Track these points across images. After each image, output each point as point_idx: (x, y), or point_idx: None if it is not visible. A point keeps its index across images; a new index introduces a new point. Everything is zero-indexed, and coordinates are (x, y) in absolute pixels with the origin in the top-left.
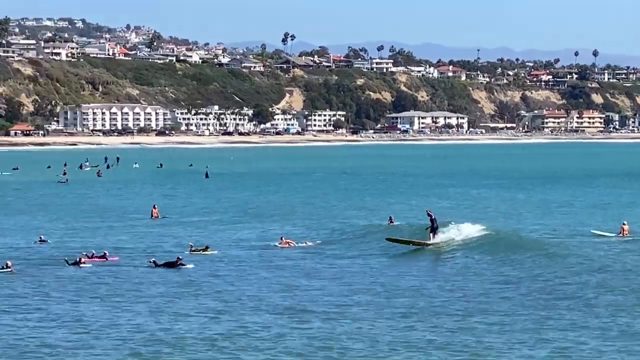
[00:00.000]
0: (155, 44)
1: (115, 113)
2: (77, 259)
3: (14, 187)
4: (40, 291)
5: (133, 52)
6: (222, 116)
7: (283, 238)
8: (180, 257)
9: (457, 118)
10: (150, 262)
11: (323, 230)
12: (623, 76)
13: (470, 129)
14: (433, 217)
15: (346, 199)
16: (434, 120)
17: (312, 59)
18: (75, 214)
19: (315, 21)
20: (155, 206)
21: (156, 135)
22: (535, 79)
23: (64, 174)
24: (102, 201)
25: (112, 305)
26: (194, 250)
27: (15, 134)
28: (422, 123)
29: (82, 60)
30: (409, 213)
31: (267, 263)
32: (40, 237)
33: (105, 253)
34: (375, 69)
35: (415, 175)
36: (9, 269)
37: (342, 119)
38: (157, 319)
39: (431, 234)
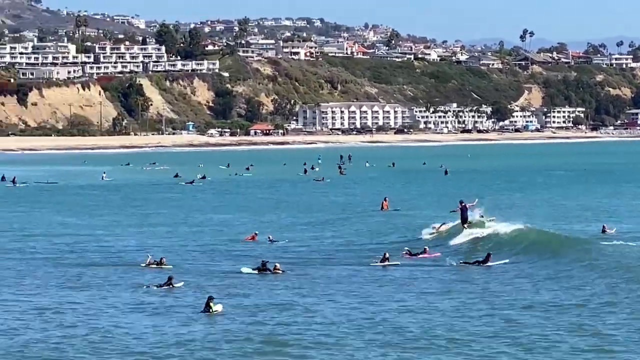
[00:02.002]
0: (393, 42)
1: (353, 112)
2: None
3: (259, 185)
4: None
5: (371, 50)
6: (461, 114)
7: None
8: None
9: None
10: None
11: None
12: None
13: None
14: (464, 206)
15: (587, 198)
16: None
17: (550, 55)
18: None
19: (554, 17)
20: (386, 198)
21: (395, 133)
22: None
23: (305, 172)
24: (337, 197)
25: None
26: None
27: (255, 133)
28: None
29: (320, 59)
30: None
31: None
32: (269, 237)
33: (425, 249)
34: (614, 65)
35: None
36: (278, 271)
37: (582, 115)
38: None
39: (464, 225)
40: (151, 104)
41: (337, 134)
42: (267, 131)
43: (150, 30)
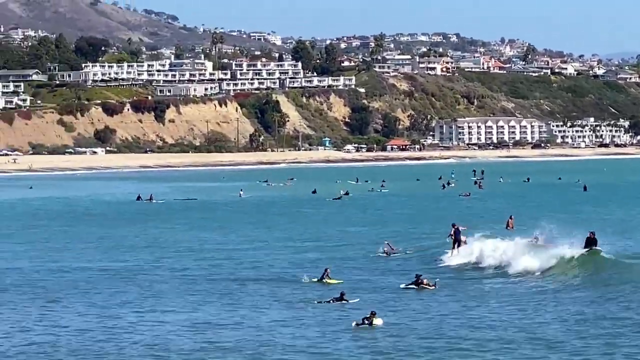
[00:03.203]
0: (529, 56)
1: (490, 126)
2: None
3: (401, 200)
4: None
5: (507, 65)
6: (598, 128)
7: None
8: None
9: None
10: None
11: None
12: None
13: None
14: (457, 229)
15: None
16: None
17: None
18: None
19: None
20: (512, 216)
21: (532, 148)
22: None
23: (443, 187)
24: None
25: None
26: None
27: (392, 148)
28: None
29: (457, 74)
30: None
31: None
32: (388, 245)
33: None
34: None
35: None
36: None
37: None
38: None
39: (454, 247)
40: (288, 120)
41: (474, 149)
42: (404, 146)
43: (287, 47)
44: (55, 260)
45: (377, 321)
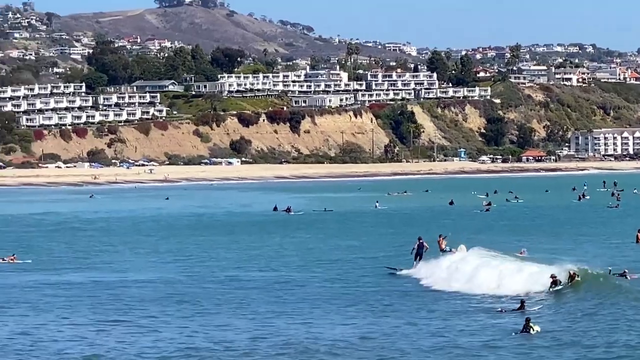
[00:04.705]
0: None
1: (626, 138)
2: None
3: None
4: None
5: None
6: None
7: None
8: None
9: None
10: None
11: None
12: None
13: None
14: (421, 243)
15: None
16: None
17: None
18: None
19: None
20: None
21: None
22: None
23: (579, 199)
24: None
25: None
26: None
27: (527, 159)
28: None
29: (592, 85)
30: None
31: None
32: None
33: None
34: None
35: None
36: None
37: None
38: None
39: (417, 260)
40: (423, 131)
41: (610, 160)
42: (539, 157)
43: (422, 58)
44: (202, 270)
45: (536, 328)
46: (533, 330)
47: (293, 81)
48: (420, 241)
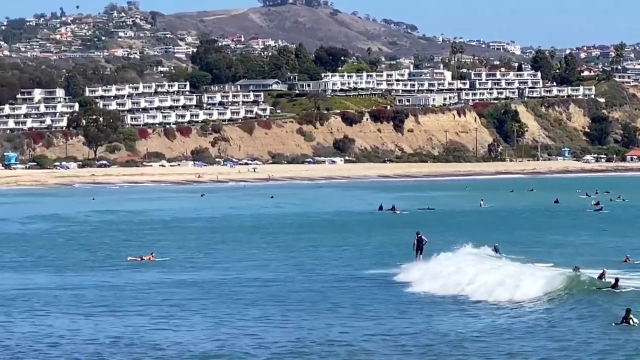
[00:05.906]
0: None
1: None
2: None
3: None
4: None
5: None
6: None
7: None
8: None
9: None
10: None
11: None
12: None
13: None
14: (420, 237)
15: None
16: None
17: None
18: None
19: None
20: None
21: None
22: None
23: None
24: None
25: None
26: None
27: (632, 159)
28: None
29: None
30: None
31: None
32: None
33: None
34: None
35: None
36: None
37: None
38: None
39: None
40: (526, 130)
41: None
42: None
43: (526, 57)
44: (311, 269)
45: (636, 320)
46: (633, 322)
47: (397, 80)
48: (419, 236)
